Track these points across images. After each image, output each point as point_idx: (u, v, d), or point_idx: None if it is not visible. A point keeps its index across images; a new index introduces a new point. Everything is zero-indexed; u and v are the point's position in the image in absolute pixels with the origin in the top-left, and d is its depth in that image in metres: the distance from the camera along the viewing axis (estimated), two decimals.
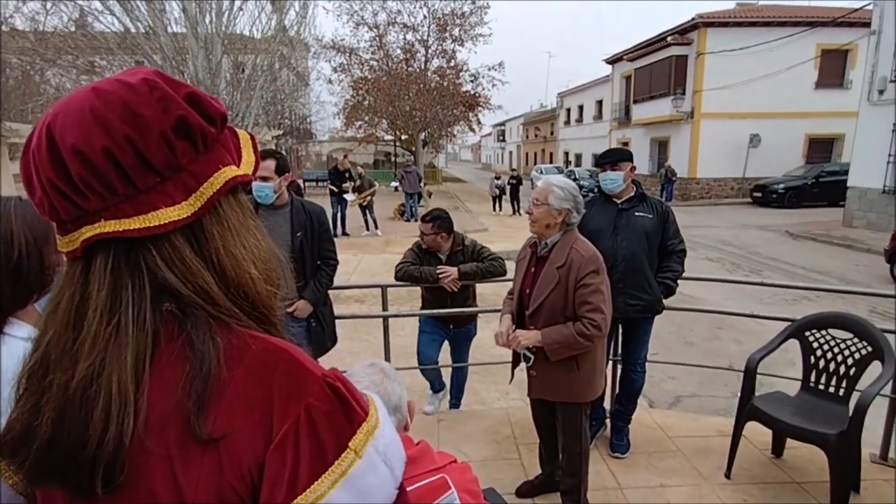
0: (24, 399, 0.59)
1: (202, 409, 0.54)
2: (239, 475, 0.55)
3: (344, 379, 0.63)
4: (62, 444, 0.54)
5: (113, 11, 11.79)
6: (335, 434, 0.58)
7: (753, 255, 11.04)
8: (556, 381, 2.42)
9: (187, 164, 0.59)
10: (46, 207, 0.58)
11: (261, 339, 0.61)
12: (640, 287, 3.00)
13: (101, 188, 0.55)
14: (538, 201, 2.37)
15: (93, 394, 0.54)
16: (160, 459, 0.55)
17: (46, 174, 0.55)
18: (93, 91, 0.57)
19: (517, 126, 52.39)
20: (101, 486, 0.54)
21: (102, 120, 0.54)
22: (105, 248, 0.57)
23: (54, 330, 0.58)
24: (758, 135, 20.59)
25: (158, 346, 0.57)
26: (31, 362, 0.59)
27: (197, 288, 0.59)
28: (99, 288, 0.57)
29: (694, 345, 5.93)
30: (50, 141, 0.55)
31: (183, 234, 0.59)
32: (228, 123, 0.66)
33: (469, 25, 24.16)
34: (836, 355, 2.93)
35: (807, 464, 3.05)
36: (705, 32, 20.64)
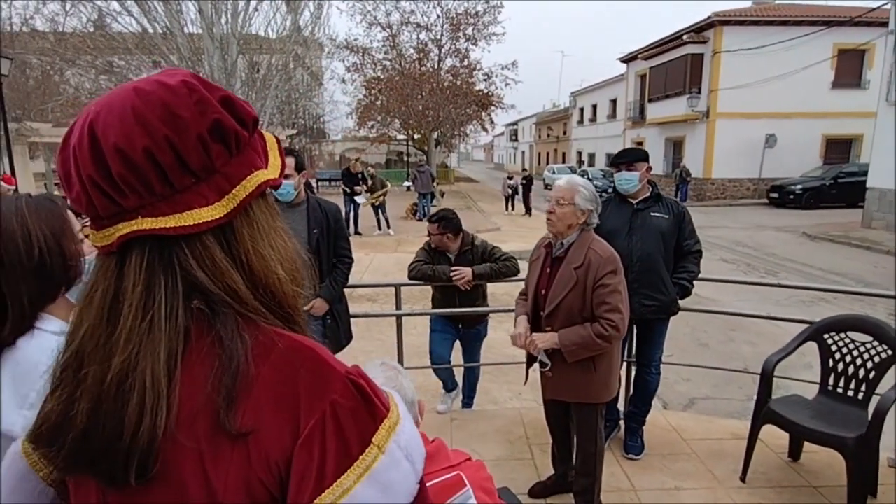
0: (59, 390, 0.60)
1: (231, 404, 0.56)
2: (267, 469, 0.56)
3: (366, 376, 0.64)
4: (97, 434, 0.56)
5: (131, 12, 11.96)
6: (359, 430, 0.59)
7: (769, 256, 10.91)
8: (572, 381, 2.41)
9: (221, 166, 0.60)
10: (84, 203, 0.59)
11: (286, 336, 0.62)
12: (655, 288, 2.98)
13: (140, 187, 0.57)
14: (564, 200, 2.35)
15: (128, 387, 0.55)
16: (191, 453, 0.56)
17: (87, 171, 0.57)
18: (134, 91, 0.58)
19: (530, 125, 52.22)
20: (134, 477, 0.55)
21: (143, 120, 0.56)
22: (140, 245, 0.59)
23: (89, 324, 0.60)
24: (774, 135, 20.33)
25: (189, 342, 0.59)
26: (66, 355, 0.61)
27: (226, 287, 0.60)
28: (134, 284, 0.58)
29: (708, 347, 5.87)
30: (92, 138, 0.57)
31: (214, 234, 0.60)
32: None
33: (482, 25, 24.20)
34: (855, 358, 2.89)
35: (824, 468, 3.02)
36: (721, 31, 20.42)
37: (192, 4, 12.18)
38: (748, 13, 20.85)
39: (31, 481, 0.72)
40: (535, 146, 50.86)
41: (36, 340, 1.02)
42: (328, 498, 0.55)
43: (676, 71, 22.22)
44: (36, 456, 0.71)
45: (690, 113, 21.24)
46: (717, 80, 20.57)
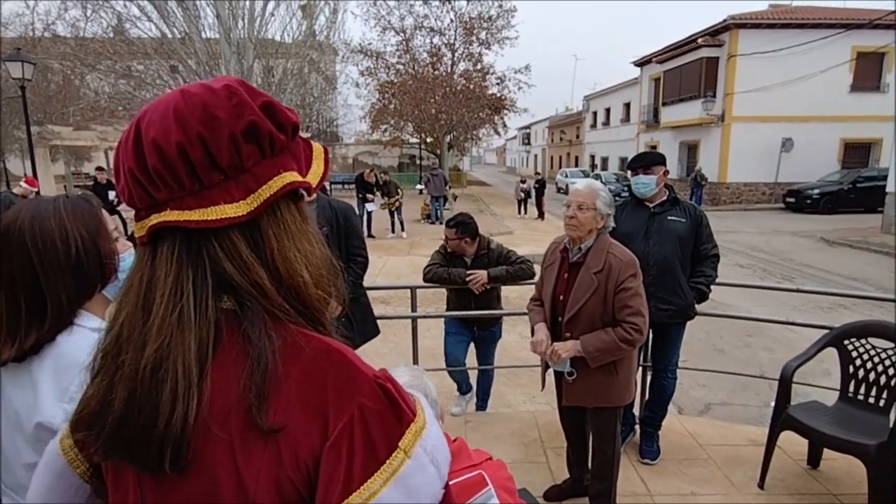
0: (99, 376, 0.63)
1: (262, 401, 0.57)
2: (296, 467, 0.58)
3: (393, 380, 0.65)
4: (133, 421, 0.58)
5: (150, 17, 12.16)
6: (386, 434, 0.60)
7: (786, 261, 10.77)
8: (595, 386, 2.41)
9: (251, 166, 0.62)
10: (126, 195, 0.63)
11: (315, 338, 0.64)
12: (672, 292, 2.97)
13: (171, 180, 0.59)
14: (585, 206, 2.34)
15: (161, 375, 0.57)
16: (224, 447, 0.58)
17: (128, 164, 0.61)
18: (181, 93, 0.61)
19: (542, 129, 52.09)
20: (169, 464, 0.57)
21: (182, 118, 0.59)
22: (170, 237, 0.61)
23: (127, 310, 0.62)
24: (790, 139, 20.07)
25: (221, 338, 0.61)
26: (106, 340, 0.63)
27: (252, 281, 0.62)
28: (165, 274, 0.61)
29: (724, 352, 5.82)
30: (136, 134, 0.60)
31: (241, 231, 0.62)
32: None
33: (496, 29, 24.24)
34: (876, 365, 2.85)
35: (844, 475, 2.98)
36: (737, 34, 20.25)
37: (209, 9, 12.38)
38: (764, 16, 20.65)
39: (69, 478, 0.74)
40: (547, 150, 50.72)
41: (75, 336, 1.05)
42: (355, 500, 0.57)
43: (691, 74, 22.05)
44: (73, 453, 0.74)
45: (705, 116, 21.06)
46: (732, 84, 20.38)
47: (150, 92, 13.12)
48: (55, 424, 0.96)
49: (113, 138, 18.01)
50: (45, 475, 0.75)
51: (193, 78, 12.31)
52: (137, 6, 12.14)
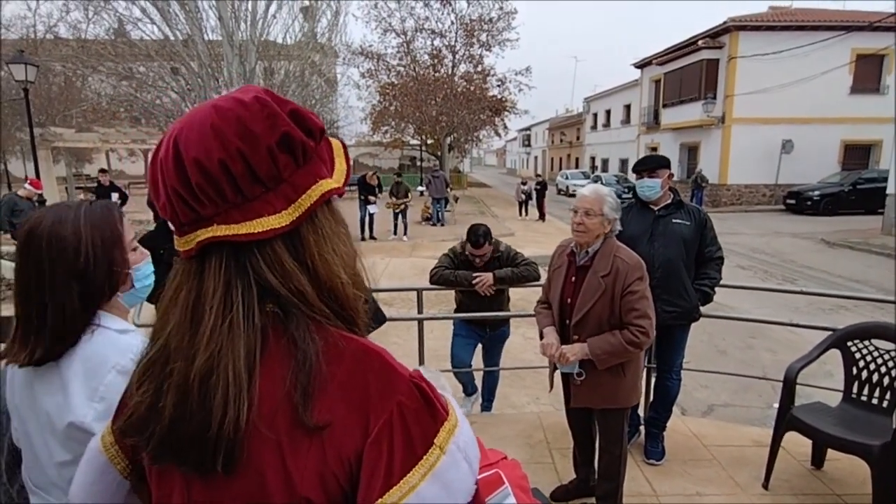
0: (146, 384, 0.65)
1: (308, 400, 0.60)
2: (340, 464, 0.61)
3: (426, 380, 0.68)
4: (185, 425, 0.61)
5: (153, 19, 12.20)
6: (423, 431, 0.63)
7: (787, 263, 10.80)
8: (603, 387, 2.43)
9: (288, 176, 0.64)
10: (169, 211, 0.65)
11: (353, 340, 0.67)
12: (676, 294, 3.00)
13: (215, 196, 0.62)
14: (592, 212, 2.36)
15: (213, 382, 0.60)
16: (272, 446, 0.61)
17: (171, 182, 0.62)
18: (213, 108, 0.63)
19: (542, 131, 52.15)
20: (221, 466, 0.60)
21: (220, 134, 0.61)
22: (218, 251, 0.64)
23: (175, 322, 0.65)
24: (791, 140, 20.12)
25: (267, 342, 0.64)
26: (153, 351, 0.66)
27: (294, 289, 0.64)
28: (214, 287, 0.63)
29: (727, 354, 5.85)
30: (176, 152, 0.62)
31: (283, 240, 0.64)
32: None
33: (497, 31, 24.26)
34: (880, 366, 2.88)
35: (847, 476, 3.00)
36: (737, 36, 20.31)
37: (212, 11, 12.42)
38: (764, 18, 20.71)
39: (110, 474, 0.78)
40: (547, 151, 50.77)
41: (100, 337, 1.07)
42: (396, 493, 0.60)
43: (692, 76, 22.11)
44: (113, 450, 0.77)
45: (706, 118, 21.11)
46: (732, 86, 20.44)
47: (152, 93, 13.16)
48: (86, 423, 0.99)
49: (114, 140, 18.04)
50: (88, 471, 0.78)
51: (195, 80, 12.35)
52: (139, 8, 12.18)
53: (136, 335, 1.11)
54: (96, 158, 29.10)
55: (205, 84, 12.22)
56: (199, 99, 12.45)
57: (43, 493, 1.10)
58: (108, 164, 28.09)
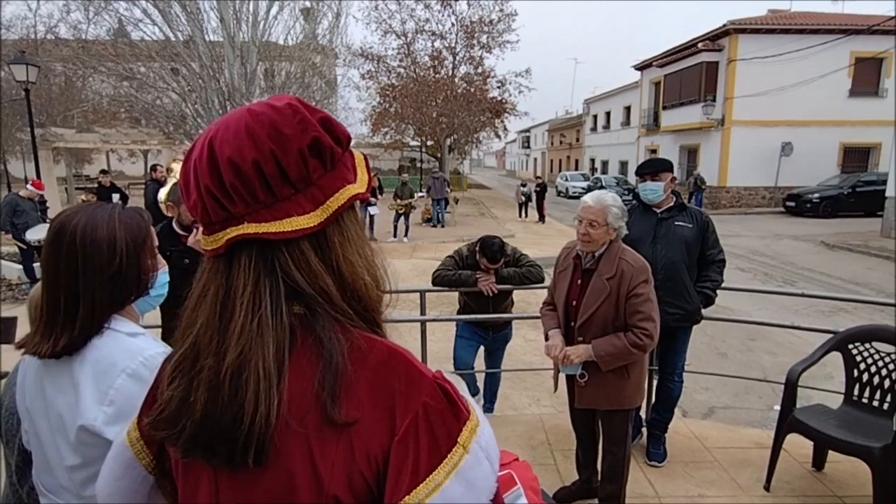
0: (177, 380, 0.67)
1: (335, 399, 0.62)
2: (367, 462, 0.63)
3: (449, 381, 0.70)
4: (216, 420, 0.62)
5: (154, 20, 12.21)
6: (447, 430, 0.65)
7: (787, 265, 10.83)
8: (607, 389, 2.45)
9: (317, 179, 0.67)
10: (199, 210, 0.67)
11: (377, 341, 0.68)
12: (679, 296, 3.02)
13: (246, 195, 0.64)
14: (596, 223, 2.36)
15: (244, 378, 0.62)
16: (301, 443, 0.62)
17: (204, 181, 0.64)
18: (248, 112, 0.66)
19: (542, 132, 52.21)
20: (252, 460, 0.62)
21: (254, 136, 0.63)
22: (247, 248, 0.66)
23: (203, 319, 0.66)
24: (790, 143, 20.18)
25: (295, 340, 0.65)
26: (184, 347, 0.68)
27: (319, 289, 0.66)
28: (244, 284, 0.65)
29: (727, 356, 5.86)
30: (210, 152, 0.64)
31: (310, 240, 0.67)
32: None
33: (497, 33, 24.30)
34: (881, 369, 2.90)
35: (848, 477, 3.02)
36: (737, 39, 20.37)
37: (213, 13, 12.43)
38: (764, 21, 20.78)
39: (135, 469, 0.79)
40: (547, 153, 50.82)
41: (110, 340, 1.08)
42: (422, 491, 0.61)
43: (691, 78, 22.17)
44: (139, 445, 0.79)
45: (705, 121, 21.16)
46: (732, 88, 20.49)
47: (152, 94, 13.17)
48: (96, 427, 0.99)
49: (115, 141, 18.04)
50: (115, 466, 0.80)
51: (196, 81, 12.37)
52: (141, 9, 12.19)
53: (145, 338, 1.12)
54: (96, 159, 29.09)
55: (206, 85, 12.23)
56: (199, 100, 12.46)
57: (53, 495, 1.10)
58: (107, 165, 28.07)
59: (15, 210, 7.95)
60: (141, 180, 30.20)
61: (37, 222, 8.25)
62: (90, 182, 25.51)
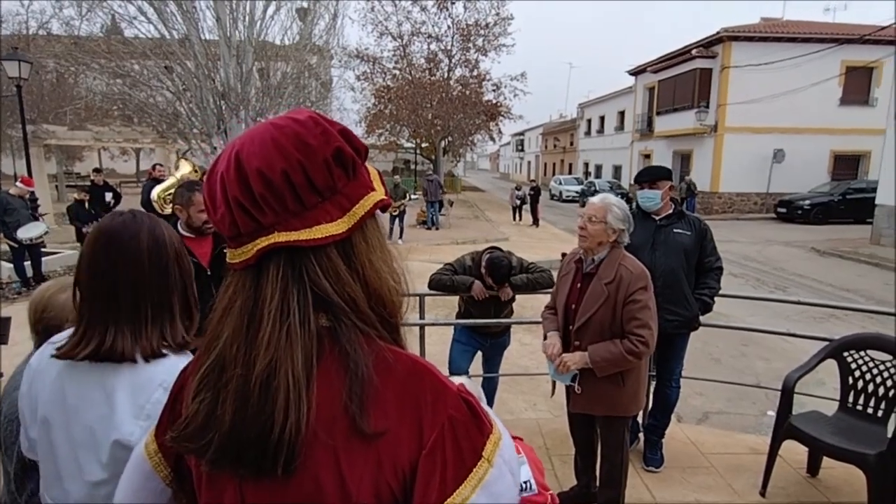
0: (203, 392, 0.67)
1: (363, 410, 0.63)
2: (394, 473, 0.63)
3: (472, 394, 0.71)
4: (246, 430, 0.62)
5: (150, 18, 12.12)
6: (472, 444, 0.66)
7: (778, 271, 10.93)
8: (602, 395, 2.46)
9: (342, 187, 0.68)
10: (227, 222, 0.67)
11: (403, 353, 0.69)
12: (677, 303, 3.04)
13: (276, 204, 0.64)
14: (595, 218, 2.40)
15: (274, 388, 0.62)
16: (329, 452, 0.63)
17: (233, 192, 0.65)
18: (272, 125, 0.67)
19: (536, 136, 52.41)
20: (281, 469, 0.62)
21: (281, 147, 0.64)
22: (276, 259, 0.66)
23: (229, 331, 0.66)
24: (782, 150, 20.40)
25: (323, 351, 0.65)
26: (209, 360, 0.67)
27: (347, 296, 0.67)
28: (272, 293, 0.65)
29: (720, 361, 5.90)
30: (237, 164, 0.65)
31: (337, 247, 0.67)
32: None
33: (493, 36, 24.34)
34: (875, 377, 2.93)
35: (842, 484, 3.05)
36: (730, 46, 20.56)
37: (209, 12, 12.36)
38: (756, 29, 20.99)
39: (154, 481, 0.79)
40: (541, 156, 51.01)
41: None
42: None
43: (685, 84, 22.34)
44: (157, 458, 0.78)
45: (699, 127, 21.33)
46: (725, 95, 20.68)
47: (146, 92, 13.07)
48: (132, 441, 0.96)
49: (107, 139, 17.89)
50: (134, 478, 0.80)
51: (191, 80, 12.30)
52: (136, 7, 12.10)
53: (182, 356, 1.11)
54: (87, 156, 28.82)
55: (201, 84, 12.16)
56: (194, 99, 12.38)
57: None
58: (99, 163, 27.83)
59: (6, 208, 7.86)
60: (133, 179, 30.06)
61: (28, 220, 8.16)
62: (81, 180, 25.27)
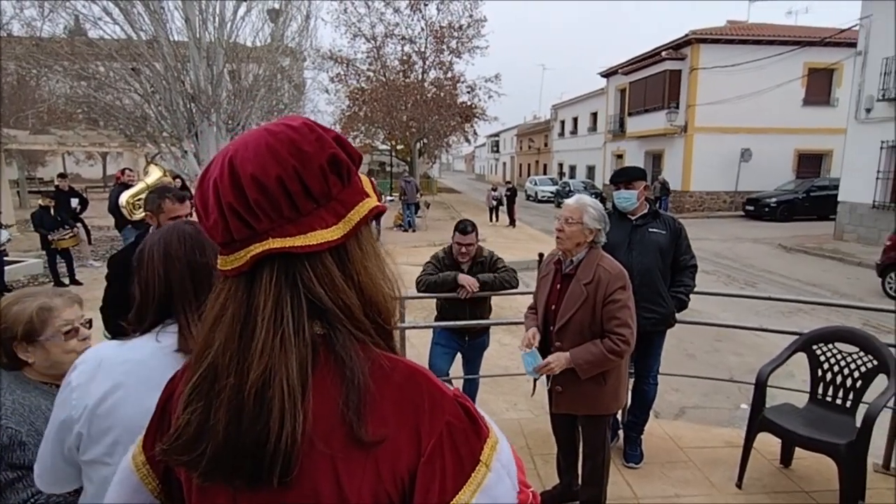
0: (193, 403, 0.65)
1: (360, 418, 0.62)
2: (393, 481, 0.62)
3: (468, 399, 0.71)
4: (241, 440, 0.61)
5: (115, 19, 11.80)
6: (470, 449, 0.66)
7: (748, 267, 11.22)
8: (583, 395, 2.48)
9: (336, 193, 0.67)
10: (220, 229, 0.65)
11: (398, 361, 0.68)
12: (654, 301, 3.09)
13: (271, 211, 0.63)
14: (571, 219, 2.42)
15: (269, 396, 0.61)
16: (327, 462, 0.62)
17: (227, 199, 0.63)
18: (265, 131, 0.66)
19: (511, 137, 52.78)
20: (277, 479, 0.61)
21: (275, 153, 0.63)
22: (269, 265, 0.65)
23: (221, 340, 0.65)
24: (749, 149, 21.00)
25: (318, 360, 0.64)
26: (200, 369, 0.66)
27: (341, 304, 0.66)
28: (265, 301, 0.64)
29: (695, 357, 6.03)
30: (231, 170, 0.64)
31: (331, 254, 0.67)
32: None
33: (466, 38, 24.43)
34: (843, 368, 3.03)
35: (814, 473, 3.15)
36: (698, 48, 21.07)
37: (178, 12, 12.11)
38: (723, 32, 21.55)
39: (142, 493, 0.77)
40: (516, 157, 51.38)
41: None
42: None
43: (655, 86, 22.80)
44: (145, 469, 0.76)
45: (669, 127, 21.80)
46: (694, 96, 21.18)
47: (112, 94, 12.72)
48: None
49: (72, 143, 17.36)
50: (122, 492, 0.77)
51: (160, 82, 12.02)
52: (101, 7, 11.76)
53: None
54: (50, 161, 27.96)
55: (170, 86, 11.88)
56: (163, 101, 12.10)
57: None
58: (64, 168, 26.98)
59: None
60: (100, 184, 29.23)
61: None
62: (44, 185, 24.46)
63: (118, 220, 8.76)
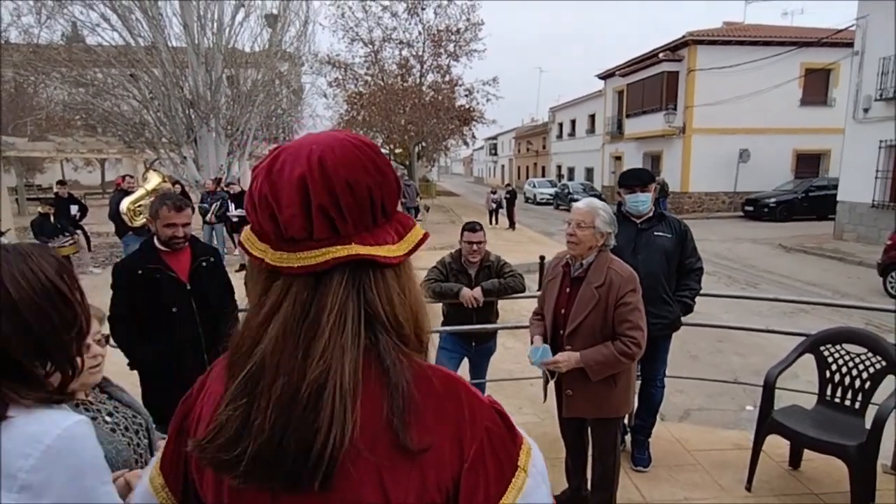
0: (236, 401, 0.64)
1: (406, 426, 0.62)
2: (438, 489, 0.63)
3: (501, 406, 0.72)
4: (286, 440, 0.60)
5: (114, 25, 11.79)
6: (508, 455, 0.67)
7: (749, 268, 11.22)
8: (594, 398, 2.47)
9: (395, 214, 0.72)
10: (299, 225, 0.64)
11: (438, 369, 0.70)
12: (660, 305, 3.08)
13: (357, 216, 0.65)
14: (584, 223, 2.41)
15: (325, 398, 0.61)
16: (370, 467, 0.62)
17: (319, 199, 0.63)
18: (348, 140, 0.68)
19: (509, 140, 52.84)
20: (318, 483, 0.60)
21: (365, 164, 0.66)
22: (341, 270, 0.65)
23: (275, 336, 0.64)
24: (747, 150, 21.04)
25: (367, 366, 0.65)
26: (249, 366, 0.64)
27: (393, 316, 0.67)
28: (332, 304, 0.64)
29: (698, 358, 6.01)
30: (323, 171, 0.63)
31: (394, 269, 0.69)
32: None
33: (464, 41, 24.43)
34: (851, 369, 3.02)
35: (823, 476, 3.13)
36: (695, 50, 21.13)
37: (176, 18, 12.11)
38: (720, 33, 21.63)
39: None
40: (514, 160, 51.43)
41: None
42: None
43: (653, 87, 22.85)
44: (164, 493, 0.75)
45: (667, 128, 21.84)
46: (692, 97, 21.23)
47: (111, 101, 12.70)
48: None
49: (70, 149, 17.34)
50: None
51: (159, 88, 12.02)
52: (98, 13, 11.74)
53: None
54: (48, 168, 27.90)
55: (169, 92, 11.89)
56: (162, 107, 12.10)
57: None
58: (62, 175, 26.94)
59: None
60: (98, 190, 29.17)
61: None
62: (43, 192, 24.42)
63: (119, 227, 8.72)
